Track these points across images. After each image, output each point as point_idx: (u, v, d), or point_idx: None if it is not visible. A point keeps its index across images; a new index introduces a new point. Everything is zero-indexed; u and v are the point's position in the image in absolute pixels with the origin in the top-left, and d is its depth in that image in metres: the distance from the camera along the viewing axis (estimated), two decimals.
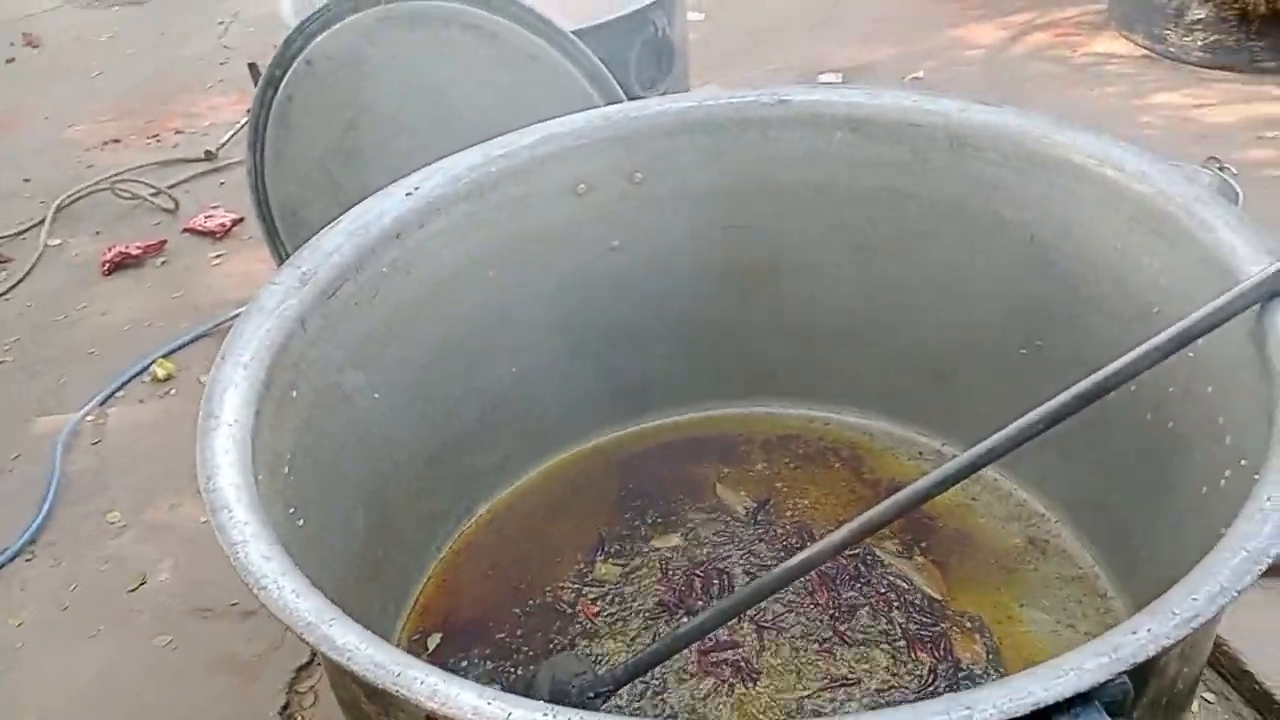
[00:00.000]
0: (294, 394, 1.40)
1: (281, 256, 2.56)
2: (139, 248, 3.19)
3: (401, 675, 0.92)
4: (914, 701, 0.85)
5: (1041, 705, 0.83)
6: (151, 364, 2.71)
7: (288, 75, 2.39)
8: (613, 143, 1.77)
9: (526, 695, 0.90)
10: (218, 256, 3.20)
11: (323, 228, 1.57)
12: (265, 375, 1.33)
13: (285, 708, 1.91)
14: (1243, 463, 1.21)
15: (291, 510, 1.32)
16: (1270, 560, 0.92)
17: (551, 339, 1.83)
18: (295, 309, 1.43)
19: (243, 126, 3.71)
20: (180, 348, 2.79)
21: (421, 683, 0.91)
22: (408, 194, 1.63)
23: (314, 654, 1.96)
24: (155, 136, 3.94)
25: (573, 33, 2.22)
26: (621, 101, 2.16)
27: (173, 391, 2.67)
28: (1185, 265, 1.39)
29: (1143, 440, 1.51)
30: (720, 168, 1.80)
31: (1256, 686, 1.73)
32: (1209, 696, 1.77)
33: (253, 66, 3.79)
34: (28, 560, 2.25)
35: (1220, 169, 2.14)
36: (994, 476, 1.82)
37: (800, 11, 4.30)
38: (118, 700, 1.95)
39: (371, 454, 1.58)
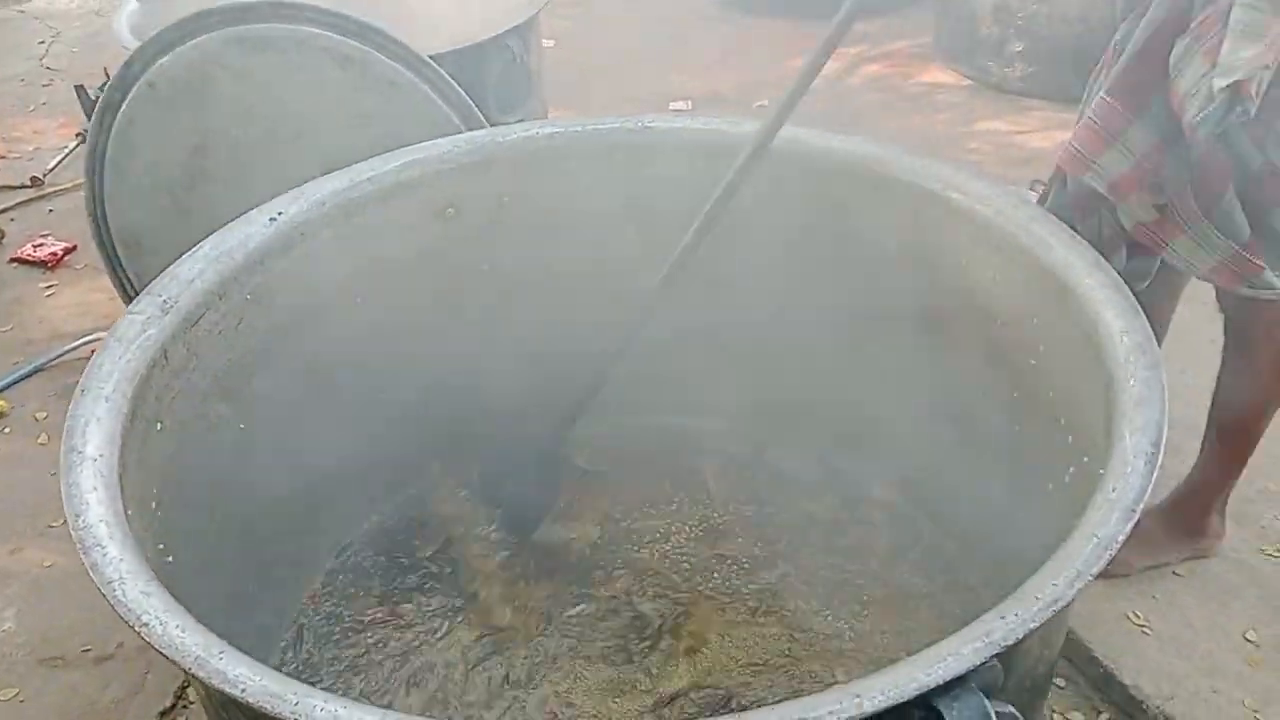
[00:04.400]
0: (159, 426, 1.36)
1: (123, 285, 2.45)
2: None
3: (300, 704, 0.91)
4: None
5: (925, 690, 0.88)
6: None
7: (129, 98, 2.30)
8: (480, 167, 1.78)
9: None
10: (49, 287, 3.03)
11: (179, 255, 1.53)
12: (129, 408, 1.28)
13: None
14: (1085, 459, 1.31)
15: (160, 546, 1.27)
16: (1119, 545, 1.01)
17: (418, 366, 1.82)
18: (156, 338, 1.38)
19: (71, 151, 3.53)
20: (13, 383, 2.63)
21: (321, 709, 0.90)
22: (271, 219, 1.60)
23: (177, 698, 1.89)
24: None
25: (430, 58, 2.22)
26: (482, 126, 2.17)
27: (7, 430, 2.51)
28: (1025, 279, 1.50)
29: (996, 444, 1.61)
30: (586, 192, 1.83)
31: (1102, 670, 1.85)
32: (1059, 682, 1.90)
33: (80, 89, 3.61)
34: None
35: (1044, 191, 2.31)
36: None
37: (645, 42, 4.40)
38: None
39: (240, 488, 1.54)
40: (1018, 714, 0.97)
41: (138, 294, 2.43)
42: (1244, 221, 1.57)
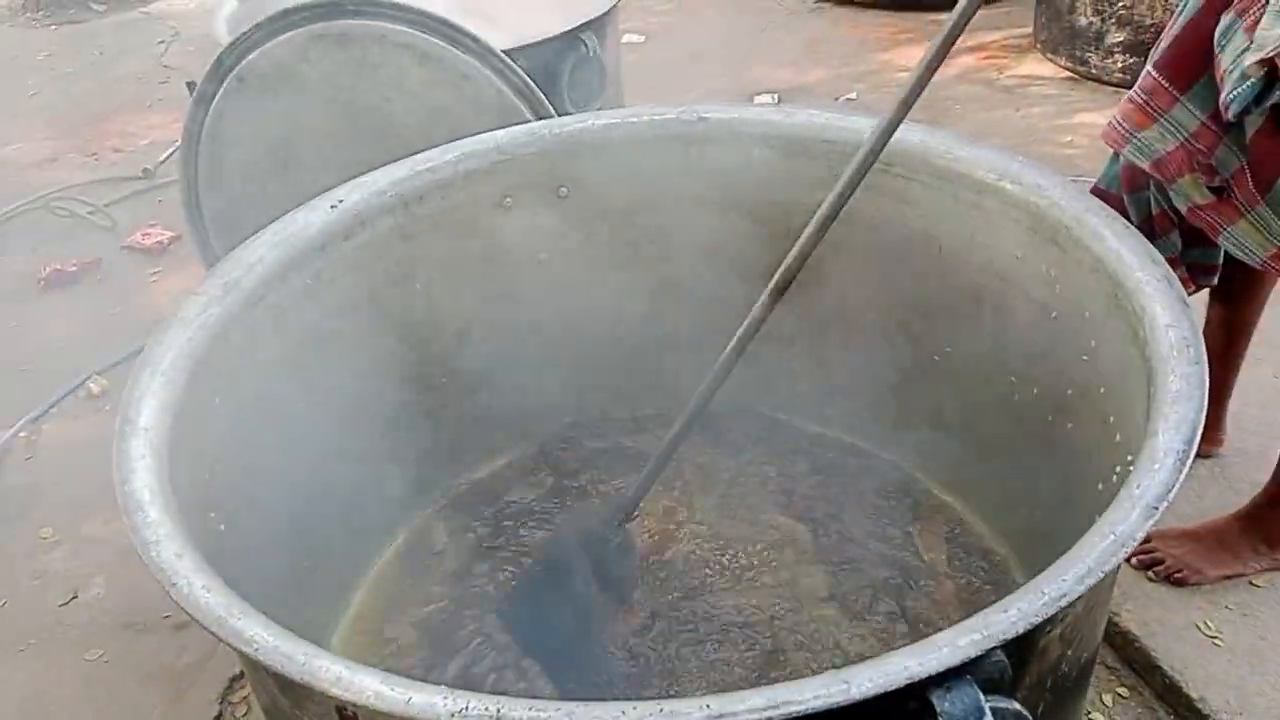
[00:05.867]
0: (217, 401, 1.42)
1: None
2: (76, 264, 3.18)
3: (307, 664, 0.95)
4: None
5: (916, 679, 0.87)
6: (86, 380, 2.70)
7: (220, 92, 2.41)
8: (538, 157, 1.81)
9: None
10: (155, 273, 3.20)
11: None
12: (185, 382, 1.35)
13: (218, 718, 1.91)
14: (1129, 458, 1.27)
15: (212, 514, 1.33)
16: (1136, 543, 0.98)
17: (479, 350, 1.87)
18: (218, 318, 1.45)
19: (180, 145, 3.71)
20: (116, 365, 2.77)
21: (327, 670, 0.94)
22: (332, 206, 1.66)
23: None
24: (93, 155, 3.92)
25: (504, 52, 2.27)
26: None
27: (107, 408, 2.66)
28: (1078, 271, 1.46)
29: (1047, 442, 1.57)
30: (644, 182, 1.85)
31: (1166, 680, 1.79)
32: (1123, 691, 1.84)
33: (191, 85, 3.78)
34: None
35: None
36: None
37: (735, 36, 4.39)
38: (49, 714, 1.94)
39: (298, 463, 1.60)
40: (1025, 713, 0.95)
41: None
42: None
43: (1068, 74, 3.80)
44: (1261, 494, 1.89)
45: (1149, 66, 1.53)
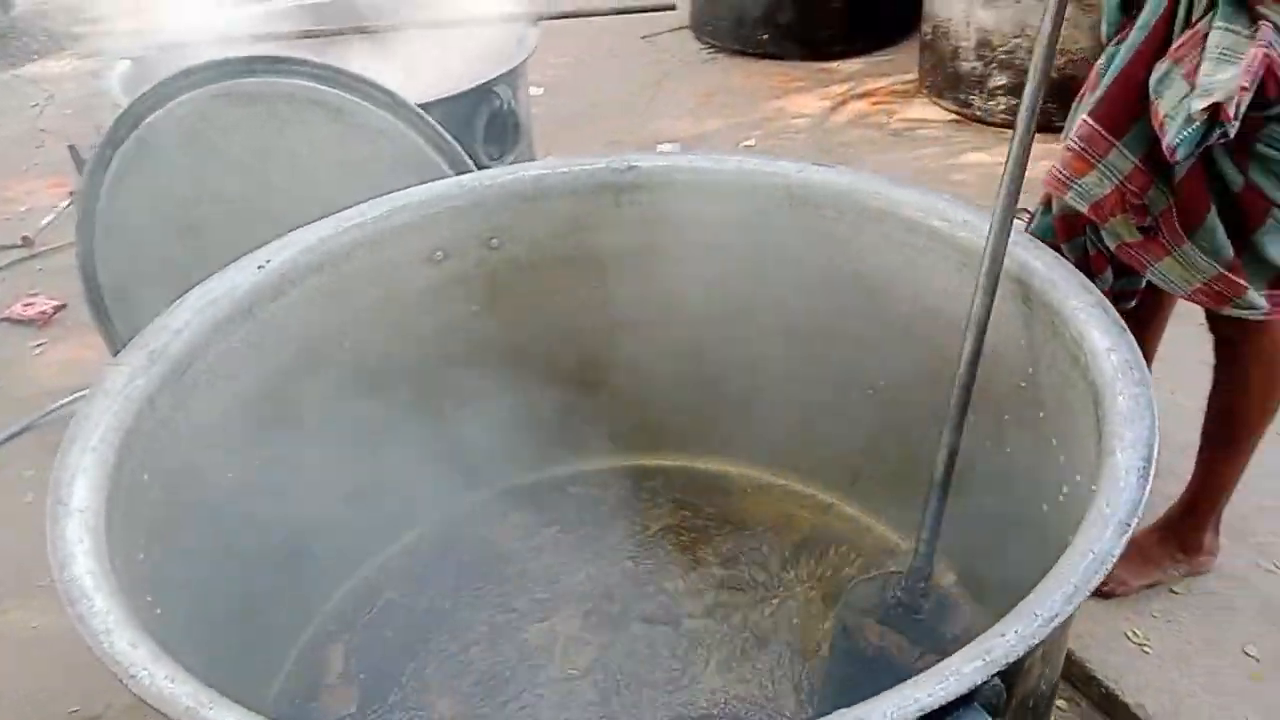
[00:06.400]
0: (145, 477, 1.34)
1: (114, 341, 2.45)
2: None
3: None
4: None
5: (927, 710, 0.87)
6: None
7: (119, 154, 2.32)
8: (468, 210, 1.79)
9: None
10: (39, 345, 3.04)
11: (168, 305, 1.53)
12: (115, 459, 1.27)
13: None
14: (1077, 478, 1.31)
15: (149, 598, 1.25)
16: (1115, 559, 1.00)
17: (412, 409, 1.82)
18: (143, 389, 1.38)
19: (62, 211, 3.56)
20: (2, 443, 2.62)
21: None
22: (259, 267, 1.61)
23: None
24: None
25: (419, 105, 2.24)
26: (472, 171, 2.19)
27: None
28: (1012, 302, 1.50)
29: (987, 468, 1.60)
30: (574, 232, 1.84)
31: (1103, 690, 1.84)
32: (1061, 704, 1.88)
33: (72, 148, 3.61)
34: None
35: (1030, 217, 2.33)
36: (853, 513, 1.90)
37: (632, 87, 4.45)
38: None
39: (227, 538, 1.52)
40: None
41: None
42: (1226, 242, 1.58)
43: (954, 116, 3.96)
44: (1175, 505, 1.98)
45: (1084, 116, 1.60)
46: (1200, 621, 1.93)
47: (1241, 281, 1.60)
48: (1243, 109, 1.44)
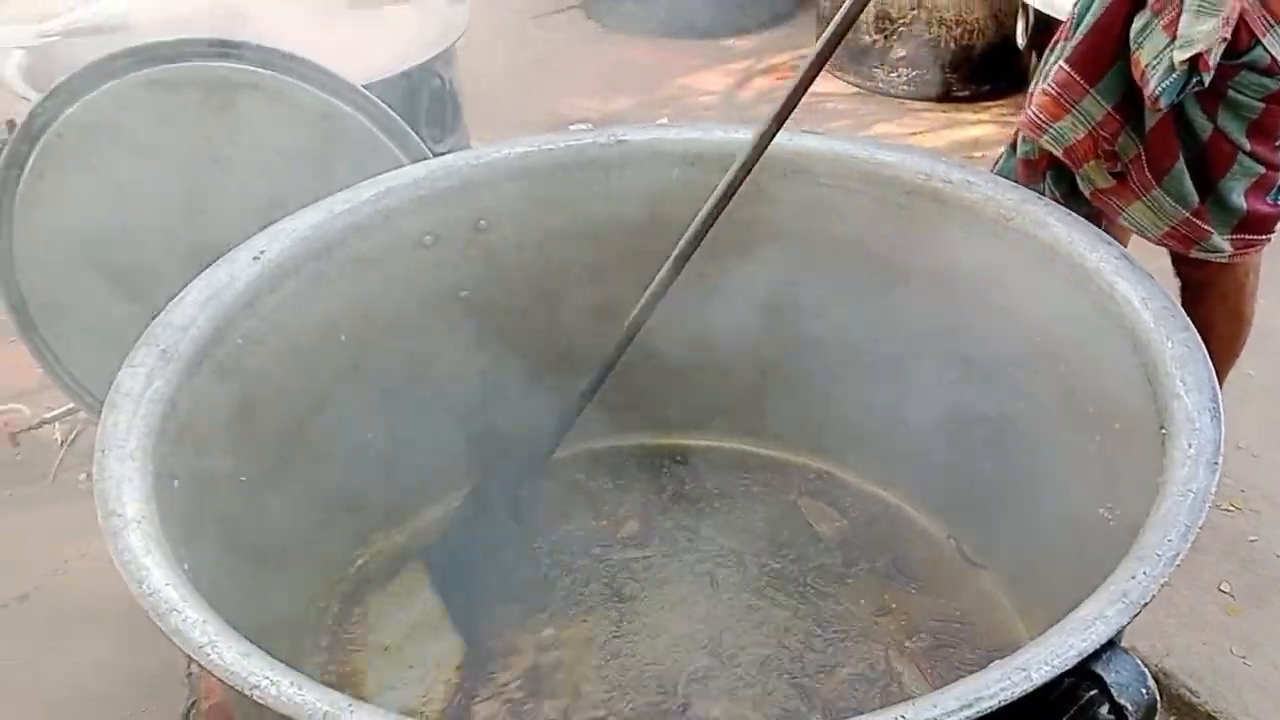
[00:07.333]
0: (175, 483, 1.26)
1: (40, 351, 2.28)
2: None
3: None
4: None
5: (1083, 655, 0.89)
6: None
7: (35, 151, 2.14)
8: (455, 192, 1.73)
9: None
10: None
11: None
12: (153, 466, 1.18)
13: None
14: (1116, 426, 1.36)
15: None
16: (1212, 496, 1.04)
17: (406, 394, 1.75)
18: (163, 391, 1.29)
19: None
20: None
21: None
22: (254, 258, 1.52)
23: None
24: None
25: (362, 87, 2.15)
26: (423, 153, 2.11)
27: None
28: (1025, 259, 1.54)
29: (1004, 417, 1.63)
30: (563, 209, 1.80)
31: None
32: None
33: None
34: None
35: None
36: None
37: (529, 69, 4.36)
38: None
39: (248, 537, 1.44)
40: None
41: (57, 359, 2.30)
42: (1193, 189, 1.67)
43: (856, 89, 4.04)
44: None
45: (1060, 61, 1.65)
46: None
47: (1206, 226, 1.70)
48: (1217, 58, 1.52)
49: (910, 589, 1.75)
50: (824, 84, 4.11)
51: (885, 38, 3.89)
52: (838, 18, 1.58)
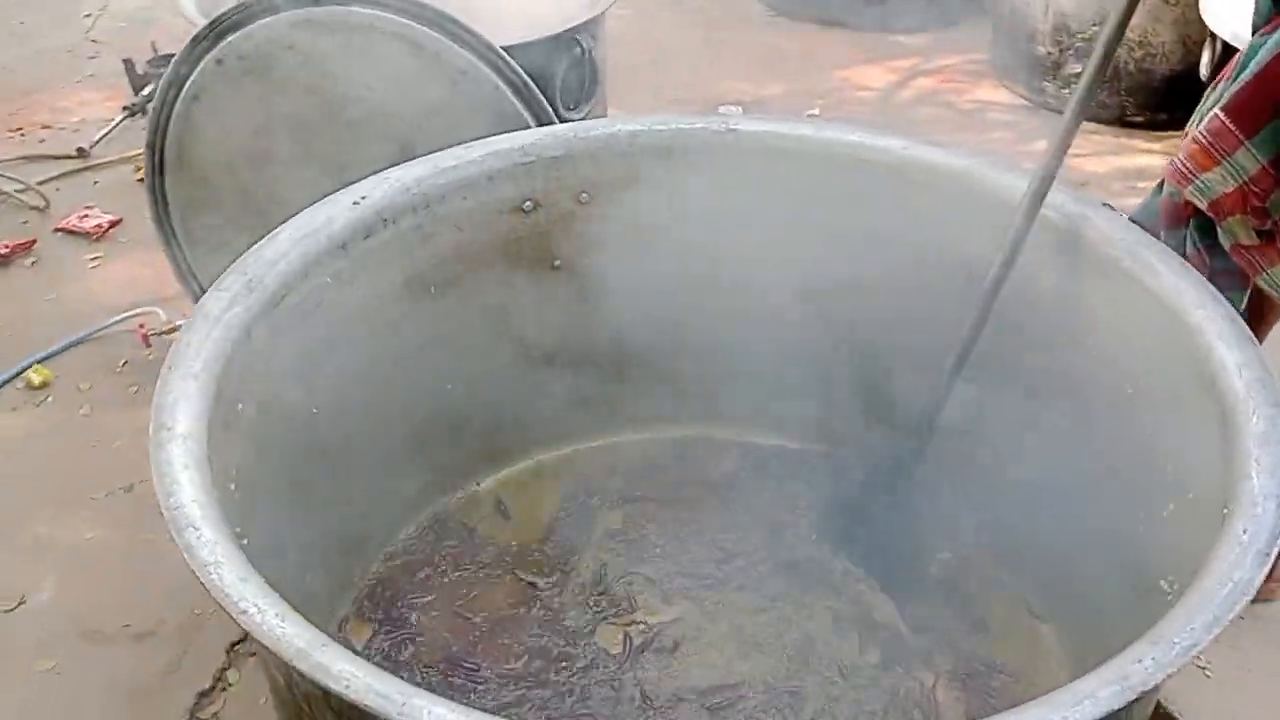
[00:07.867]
0: (239, 407, 1.32)
1: (178, 262, 2.43)
2: (6, 246, 2.97)
3: (406, 705, 0.88)
4: None
5: None
6: (26, 369, 2.52)
7: (195, 74, 2.27)
8: (561, 162, 1.75)
9: None
10: (95, 259, 3.00)
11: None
12: (215, 387, 1.25)
13: None
14: (1189, 495, 1.28)
15: (237, 530, 1.23)
16: (1255, 590, 0.97)
17: (489, 355, 1.79)
18: (241, 318, 1.35)
19: (118, 125, 3.50)
20: (56, 353, 2.60)
21: (429, 712, 0.87)
22: (355, 203, 1.57)
23: (216, 680, 1.86)
24: (18, 130, 3.68)
25: (502, 49, 2.19)
26: (551, 120, 2.14)
27: (49, 399, 2.49)
28: (1130, 306, 1.46)
29: (1083, 474, 1.56)
30: (666, 192, 1.80)
31: (1162, 712, 1.81)
32: None
33: (128, 63, 3.57)
34: None
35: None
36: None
37: (691, 46, 4.34)
38: None
39: (311, 473, 1.51)
40: None
41: (191, 270, 2.45)
42: None
43: (1023, 101, 3.87)
44: None
45: (1216, 110, 1.55)
46: (1261, 648, 1.91)
47: None
48: None
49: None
50: (989, 92, 3.97)
51: (1061, 51, 3.71)
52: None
